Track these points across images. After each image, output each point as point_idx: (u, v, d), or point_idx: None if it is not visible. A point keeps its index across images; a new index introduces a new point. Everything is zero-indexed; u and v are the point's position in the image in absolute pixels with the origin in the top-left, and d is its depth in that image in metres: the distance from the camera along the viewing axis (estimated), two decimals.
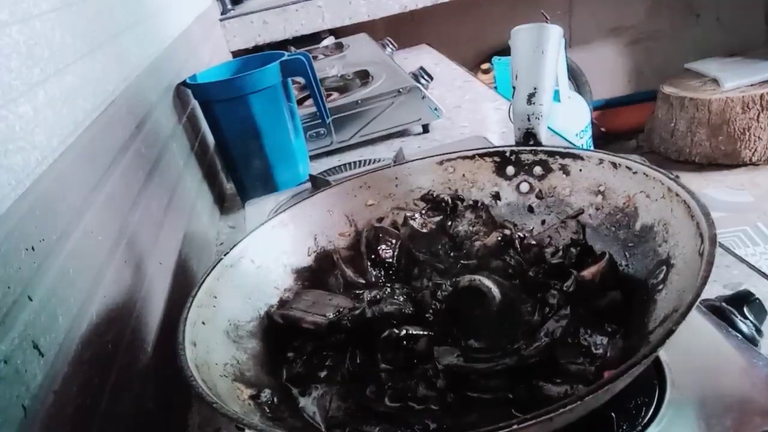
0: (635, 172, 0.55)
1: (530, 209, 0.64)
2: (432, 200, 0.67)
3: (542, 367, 0.46)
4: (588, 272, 0.52)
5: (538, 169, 0.63)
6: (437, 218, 0.66)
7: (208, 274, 0.54)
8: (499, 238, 0.60)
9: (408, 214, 0.66)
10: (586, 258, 0.56)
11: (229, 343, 0.52)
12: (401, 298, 0.56)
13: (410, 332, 0.51)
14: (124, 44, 0.86)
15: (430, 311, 0.54)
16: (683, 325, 0.36)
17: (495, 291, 0.52)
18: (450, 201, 0.67)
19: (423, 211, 0.67)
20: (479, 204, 0.66)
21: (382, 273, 0.63)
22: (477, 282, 0.52)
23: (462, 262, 0.60)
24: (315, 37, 2.06)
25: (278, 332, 0.56)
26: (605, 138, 3.06)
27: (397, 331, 0.50)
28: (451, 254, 0.63)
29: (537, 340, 0.47)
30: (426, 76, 1.41)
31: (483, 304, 0.52)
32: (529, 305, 0.52)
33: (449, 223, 0.66)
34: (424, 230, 0.65)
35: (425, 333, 0.51)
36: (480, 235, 0.64)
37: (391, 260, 0.63)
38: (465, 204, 0.66)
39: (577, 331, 0.48)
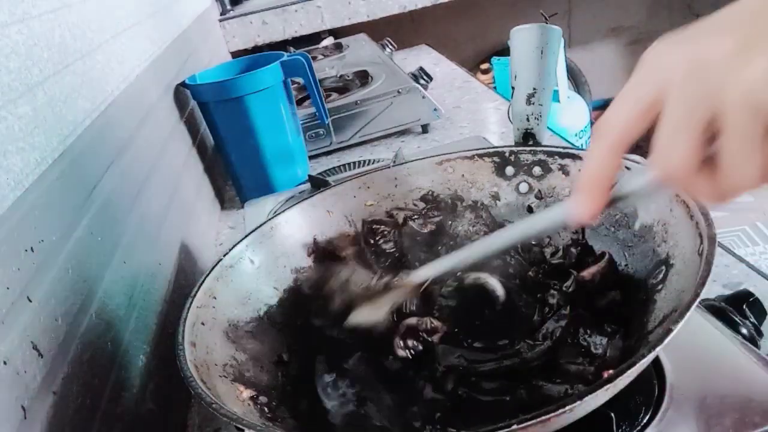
0: None
1: (529, 209, 0.64)
2: (432, 200, 0.67)
3: (542, 367, 0.46)
4: (587, 272, 0.52)
5: (537, 170, 0.63)
6: (437, 218, 0.66)
7: (207, 275, 0.54)
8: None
9: (408, 214, 0.66)
10: (586, 258, 0.56)
11: (228, 343, 0.52)
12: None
13: (432, 324, 0.51)
14: (123, 44, 0.86)
15: (436, 307, 0.54)
16: (683, 324, 0.36)
17: (500, 290, 0.52)
18: (450, 201, 0.67)
19: (423, 211, 0.67)
20: (479, 204, 0.66)
21: (389, 263, 0.63)
22: (482, 280, 0.52)
23: None
24: (314, 38, 2.06)
25: (277, 333, 0.56)
26: None
27: (420, 321, 0.50)
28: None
29: (538, 341, 0.48)
30: (425, 77, 1.41)
31: (486, 303, 0.52)
32: (529, 306, 0.52)
33: (449, 223, 0.66)
34: (425, 230, 0.65)
35: (443, 327, 0.51)
36: (480, 235, 0.64)
37: (392, 250, 0.63)
38: (464, 204, 0.66)
39: (577, 332, 0.48)
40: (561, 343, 0.48)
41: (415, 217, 0.66)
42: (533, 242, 0.61)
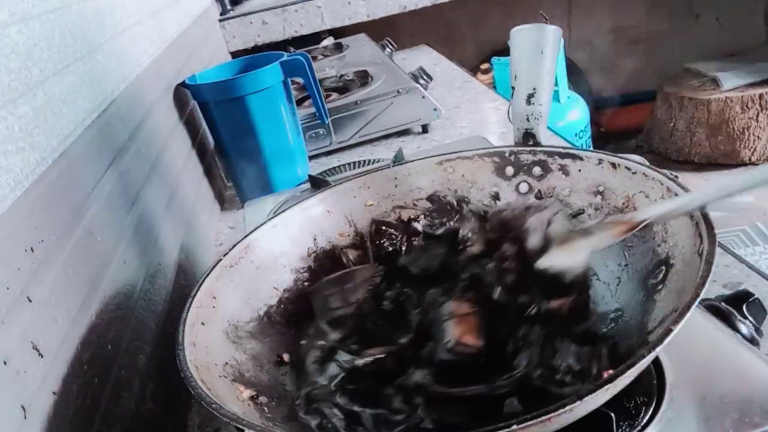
0: (634, 173, 0.55)
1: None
2: (437, 201, 0.67)
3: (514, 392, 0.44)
4: (556, 303, 0.49)
5: (537, 170, 0.63)
6: (442, 220, 0.66)
7: (207, 275, 0.54)
8: (483, 248, 0.58)
9: (412, 215, 0.66)
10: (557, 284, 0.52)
11: (228, 343, 0.52)
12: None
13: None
14: (123, 44, 0.86)
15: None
16: (683, 325, 0.36)
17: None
18: (455, 204, 0.66)
19: (427, 212, 0.67)
20: (485, 214, 0.64)
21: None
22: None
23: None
24: (314, 38, 2.06)
25: (276, 333, 0.56)
26: (605, 138, 3.06)
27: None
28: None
29: (510, 369, 0.45)
30: (425, 77, 1.41)
31: None
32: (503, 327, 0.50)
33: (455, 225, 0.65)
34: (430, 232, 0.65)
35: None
36: (473, 239, 0.62)
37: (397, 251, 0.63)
38: (470, 207, 0.66)
39: (553, 355, 0.46)
40: (535, 369, 0.45)
41: (420, 217, 0.66)
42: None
